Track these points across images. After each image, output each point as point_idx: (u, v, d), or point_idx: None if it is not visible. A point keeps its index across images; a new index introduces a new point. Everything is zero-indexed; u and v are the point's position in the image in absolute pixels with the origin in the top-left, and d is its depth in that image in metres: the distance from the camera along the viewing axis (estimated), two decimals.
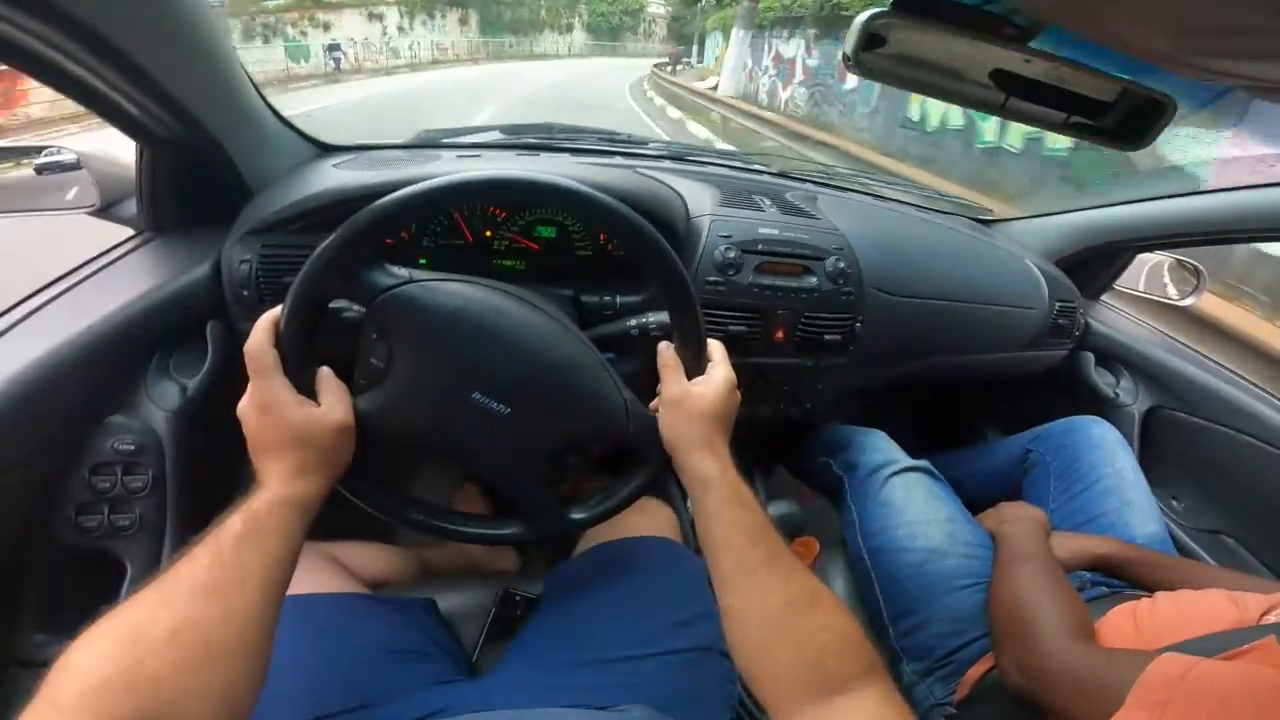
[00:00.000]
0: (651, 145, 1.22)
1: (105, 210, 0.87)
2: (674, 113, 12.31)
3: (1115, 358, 1.28)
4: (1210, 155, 4.00)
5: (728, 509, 0.53)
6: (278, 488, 0.48)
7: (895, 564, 0.87)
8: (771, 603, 0.48)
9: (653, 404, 0.62)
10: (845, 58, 0.50)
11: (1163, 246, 1.26)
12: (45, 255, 0.89)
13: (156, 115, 0.71)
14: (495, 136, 1.18)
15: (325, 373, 0.55)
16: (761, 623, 0.48)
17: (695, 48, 27.17)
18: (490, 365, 0.56)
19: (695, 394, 0.58)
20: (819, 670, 0.45)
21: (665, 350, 0.61)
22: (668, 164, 1.14)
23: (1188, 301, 1.31)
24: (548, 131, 1.20)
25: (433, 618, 0.75)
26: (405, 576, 0.90)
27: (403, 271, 0.55)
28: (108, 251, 0.85)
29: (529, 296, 0.60)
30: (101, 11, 0.54)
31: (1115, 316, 1.35)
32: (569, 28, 53.24)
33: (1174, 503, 1.18)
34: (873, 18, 0.47)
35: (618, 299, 0.84)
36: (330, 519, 0.80)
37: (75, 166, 0.85)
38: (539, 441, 0.60)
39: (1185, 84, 0.53)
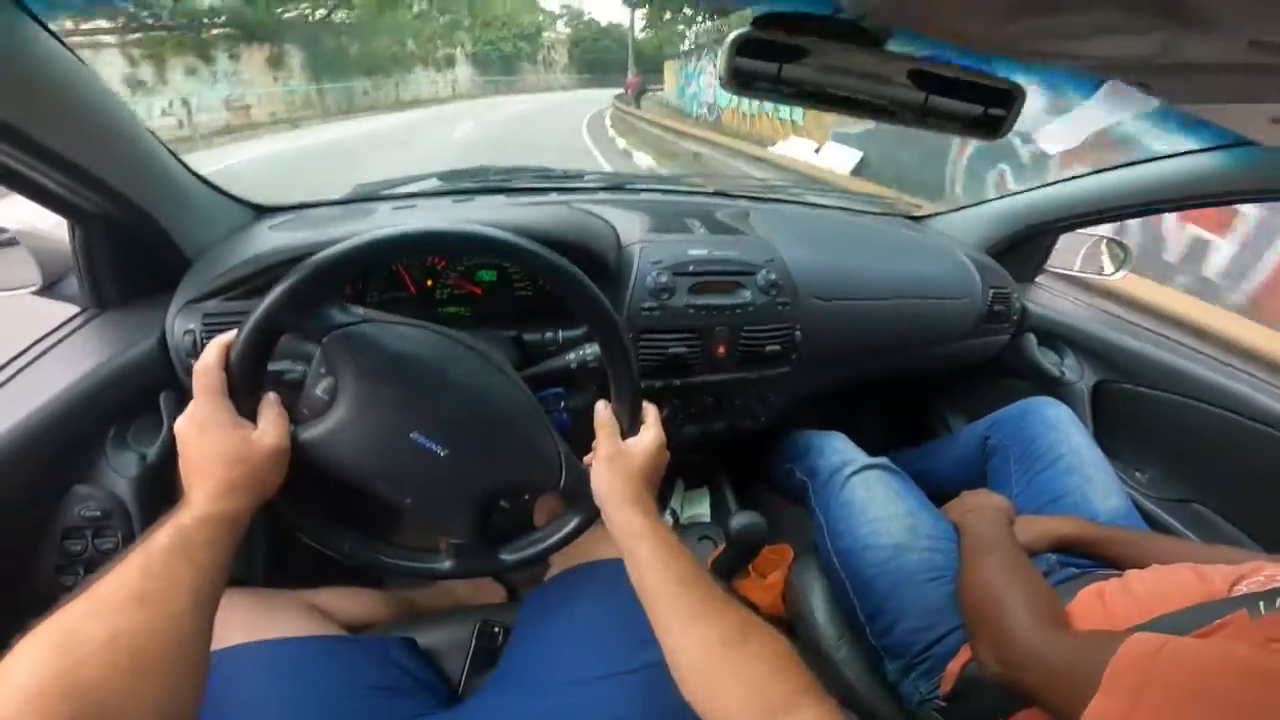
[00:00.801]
0: (588, 178, 1.26)
1: (48, 289, 0.87)
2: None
3: (1056, 336, 1.31)
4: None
5: (659, 559, 0.56)
6: (204, 504, 0.50)
7: (863, 563, 0.88)
8: (709, 640, 0.51)
9: (587, 458, 0.65)
10: (721, 79, 0.53)
11: (1085, 224, 1.29)
12: None
13: (79, 192, 0.73)
14: (432, 184, 1.20)
15: (271, 398, 0.57)
16: (702, 659, 0.51)
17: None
18: (431, 407, 0.59)
19: (628, 453, 0.63)
20: (761, 696, 0.48)
21: (602, 410, 0.65)
22: (603, 195, 1.17)
23: (1117, 276, 1.37)
24: (483, 175, 1.23)
25: (411, 654, 0.76)
26: (387, 618, 0.90)
27: (359, 310, 0.58)
28: (54, 331, 0.85)
29: (474, 344, 0.62)
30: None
31: (1051, 297, 1.39)
32: (448, 61, 39.05)
33: (1138, 475, 1.19)
34: (739, 37, 0.49)
35: (560, 334, 0.85)
36: (314, 567, 0.81)
37: (12, 243, 0.85)
38: (473, 484, 0.62)
39: (1066, 77, 0.56)
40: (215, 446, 0.52)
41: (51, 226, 0.88)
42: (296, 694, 0.64)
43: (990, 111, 0.54)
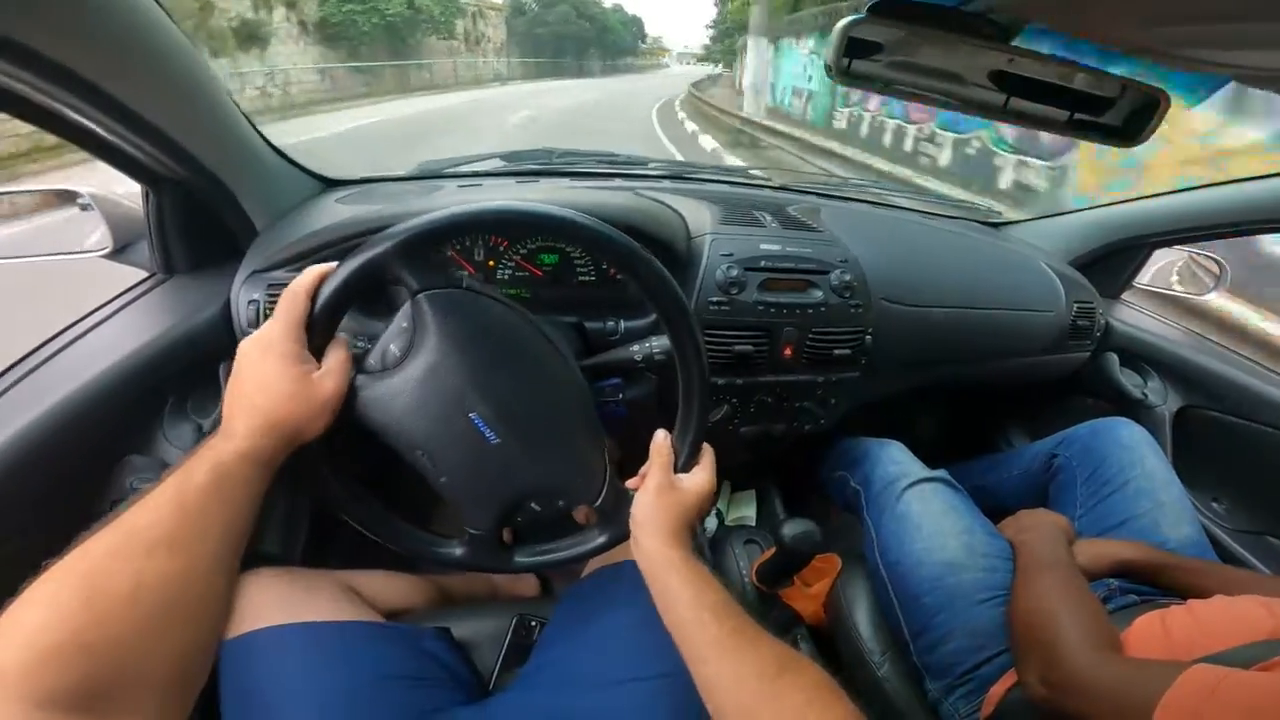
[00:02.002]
0: (651, 165, 1.23)
1: (118, 253, 0.89)
2: None
3: (1141, 357, 1.24)
4: None
5: (690, 589, 0.55)
6: (245, 438, 0.48)
7: (913, 579, 0.85)
8: (743, 672, 0.50)
9: (631, 481, 0.64)
10: (827, 67, 0.50)
11: (1180, 241, 1.23)
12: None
13: (155, 156, 0.73)
14: (496, 164, 1.19)
15: (341, 339, 0.56)
16: (737, 691, 0.49)
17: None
18: (497, 392, 0.57)
19: (678, 489, 0.62)
20: None
21: (661, 439, 0.64)
22: (667, 184, 1.14)
23: (1209, 296, 1.29)
24: (547, 157, 1.21)
25: (445, 644, 0.75)
26: (423, 605, 0.90)
27: (465, 275, 0.57)
28: (122, 294, 0.86)
29: (552, 336, 0.60)
30: (85, 57, 0.56)
31: (1138, 315, 1.31)
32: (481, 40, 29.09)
33: (1214, 505, 1.14)
34: (851, 24, 0.46)
35: (621, 324, 0.83)
36: (353, 549, 0.81)
37: (87, 208, 0.87)
38: (513, 479, 0.61)
39: (1184, 77, 0.52)
40: (276, 374, 0.51)
41: (121, 194, 0.89)
42: (330, 679, 0.64)
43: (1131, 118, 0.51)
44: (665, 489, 0.61)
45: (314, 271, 0.54)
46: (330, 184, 1.04)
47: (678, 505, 0.60)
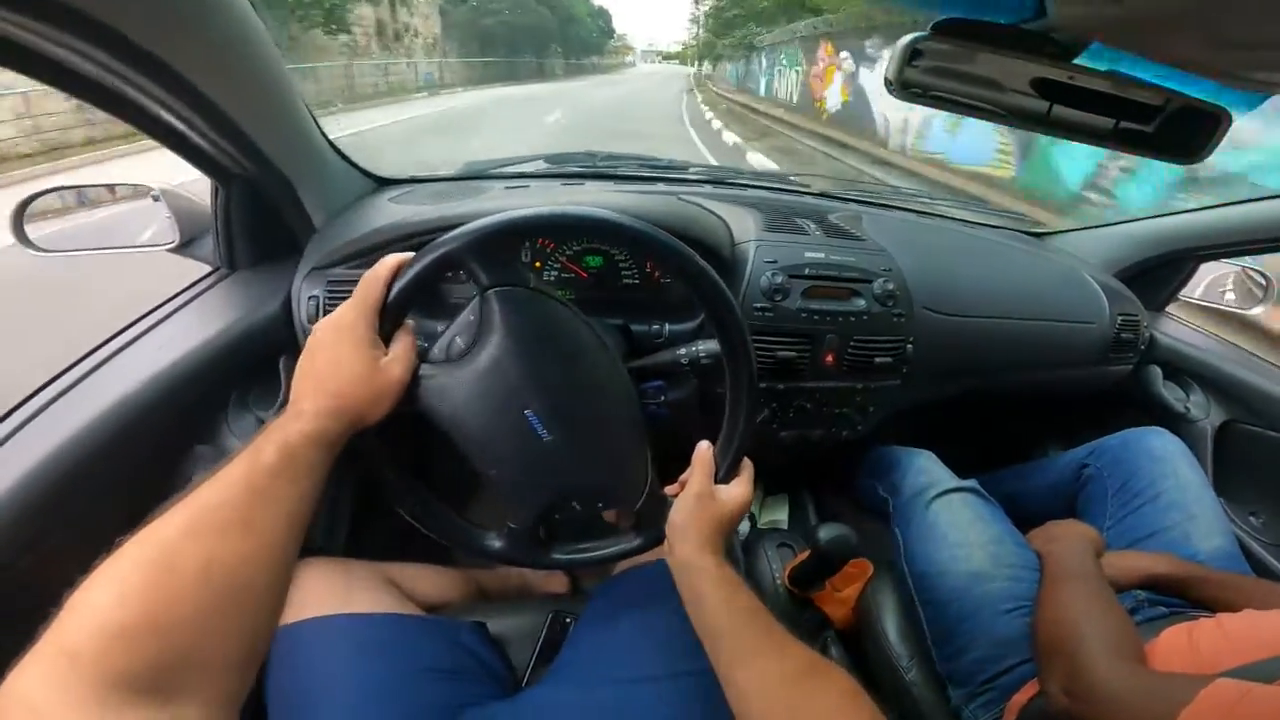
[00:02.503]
0: (692, 170, 1.24)
1: (183, 246, 0.92)
2: None
3: (1184, 371, 1.23)
4: None
5: (721, 591, 0.56)
6: (313, 419, 0.48)
7: (939, 588, 0.85)
8: (771, 677, 0.50)
9: (671, 488, 0.66)
10: (887, 81, 0.50)
11: (1228, 255, 1.21)
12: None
13: (229, 152, 0.76)
14: (540, 166, 1.21)
15: (409, 325, 0.57)
16: (764, 695, 0.50)
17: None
18: (554, 392, 0.59)
19: (717, 499, 0.63)
20: None
21: (704, 449, 0.65)
22: (708, 189, 1.14)
23: (1258, 310, 1.26)
24: (590, 160, 1.22)
25: (481, 639, 0.77)
26: (459, 599, 0.92)
27: (529, 276, 0.59)
28: (188, 289, 0.90)
29: (606, 340, 0.62)
30: (178, 50, 0.58)
31: (1182, 329, 1.29)
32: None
33: (1252, 518, 1.13)
34: (914, 40, 0.47)
35: (666, 327, 0.84)
36: (392, 541, 0.83)
37: (155, 201, 0.90)
38: (560, 477, 0.62)
39: (1225, 90, 0.51)
40: (350, 354, 0.52)
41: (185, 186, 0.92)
42: (370, 670, 0.66)
43: (1182, 132, 0.50)
44: (705, 498, 0.62)
45: (392, 260, 0.56)
46: (382, 183, 1.06)
47: (715, 515, 0.61)
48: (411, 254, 0.56)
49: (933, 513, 0.92)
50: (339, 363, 0.51)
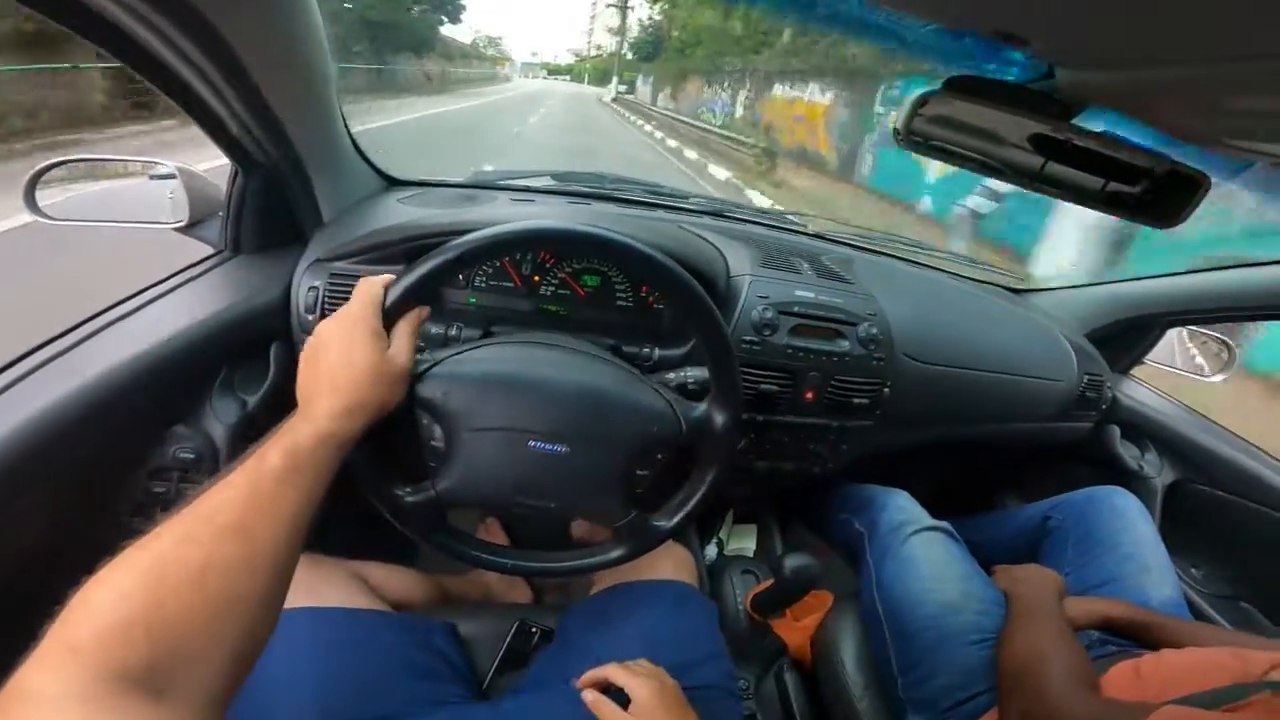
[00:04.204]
0: (693, 200, 1.27)
1: (190, 227, 0.92)
2: None
3: (1142, 431, 1.28)
4: None
5: None
6: (325, 422, 0.49)
7: (910, 617, 0.89)
8: None
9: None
10: (895, 131, 0.52)
11: (1196, 322, 1.26)
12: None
13: (257, 139, 0.77)
14: (547, 182, 1.23)
15: (413, 314, 0.58)
16: None
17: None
18: (536, 413, 0.61)
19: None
20: None
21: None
22: (708, 220, 1.17)
23: (1219, 377, 1.31)
24: (598, 181, 1.25)
25: (451, 640, 0.78)
26: (426, 600, 0.93)
27: (425, 356, 0.61)
28: (190, 267, 0.90)
29: (557, 340, 0.64)
30: (241, 33, 0.60)
31: (1142, 390, 1.35)
32: None
33: (1193, 571, 1.21)
34: (924, 94, 0.49)
35: (656, 352, 0.87)
36: (357, 539, 0.83)
37: (170, 178, 0.90)
38: (604, 465, 0.63)
39: (1211, 158, 0.54)
40: (360, 351, 0.52)
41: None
42: (341, 663, 0.66)
43: (1165, 197, 0.51)
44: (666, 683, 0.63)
45: (387, 276, 0.58)
46: (393, 183, 1.08)
47: (673, 691, 0.63)
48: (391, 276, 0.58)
49: (910, 547, 0.97)
50: (350, 359, 0.52)
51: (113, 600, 0.35)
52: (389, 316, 0.56)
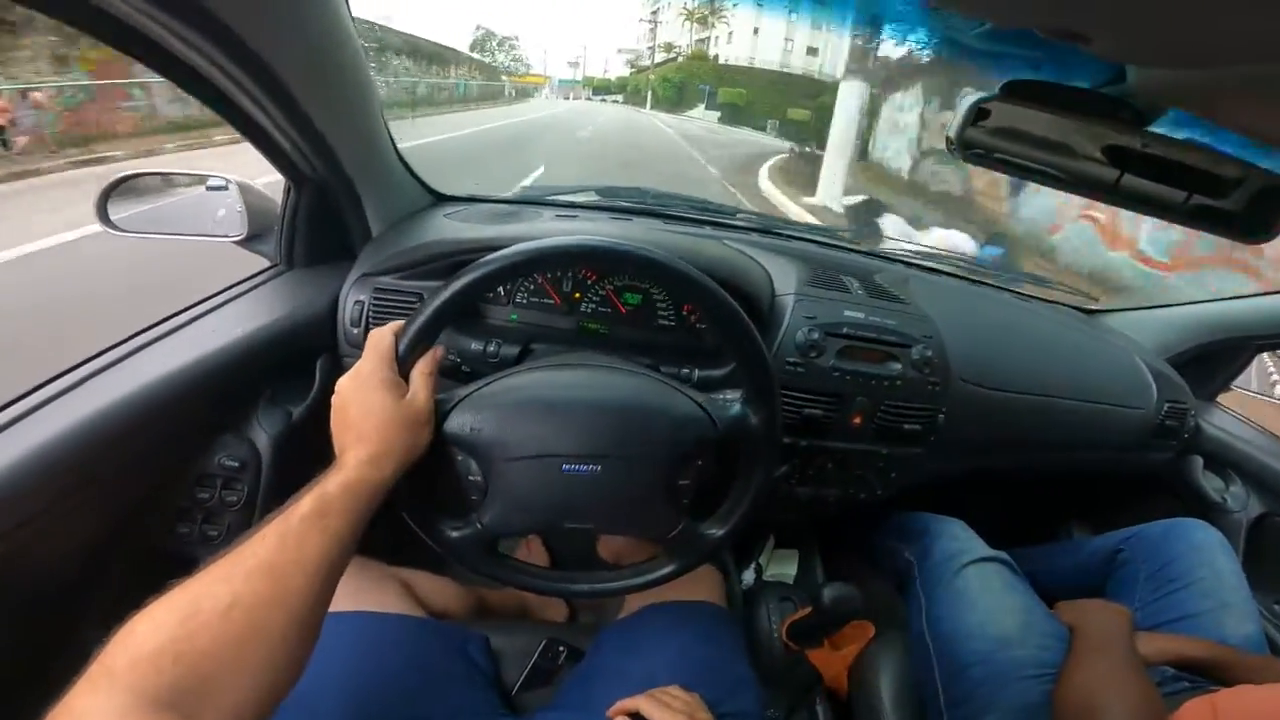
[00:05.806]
0: (740, 216, 1.24)
1: (249, 240, 0.96)
2: None
3: (1226, 462, 1.19)
4: None
5: None
6: (354, 469, 0.52)
7: (963, 651, 0.85)
8: None
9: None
10: (949, 140, 0.49)
11: None
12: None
13: (305, 154, 0.79)
14: (592, 198, 1.22)
15: (430, 356, 0.60)
16: None
17: None
18: (564, 437, 0.60)
19: None
20: None
21: None
22: (755, 236, 1.14)
23: None
24: (641, 196, 1.23)
25: (484, 651, 0.79)
26: (464, 610, 0.94)
27: (445, 395, 0.61)
28: (246, 280, 0.93)
29: (585, 358, 0.64)
30: (280, 53, 0.62)
31: (1227, 418, 1.25)
32: None
33: (1277, 607, 1.13)
34: (981, 100, 0.46)
35: (696, 373, 0.85)
36: (395, 545, 0.85)
37: (224, 190, 0.94)
38: (641, 477, 0.62)
39: None
40: (378, 401, 0.55)
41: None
42: (380, 667, 0.68)
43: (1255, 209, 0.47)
44: None
45: (393, 325, 0.60)
46: (440, 198, 1.10)
47: None
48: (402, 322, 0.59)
49: (963, 578, 0.93)
50: (369, 409, 0.55)
51: (148, 630, 0.39)
52: (403, 365, 0.58)
